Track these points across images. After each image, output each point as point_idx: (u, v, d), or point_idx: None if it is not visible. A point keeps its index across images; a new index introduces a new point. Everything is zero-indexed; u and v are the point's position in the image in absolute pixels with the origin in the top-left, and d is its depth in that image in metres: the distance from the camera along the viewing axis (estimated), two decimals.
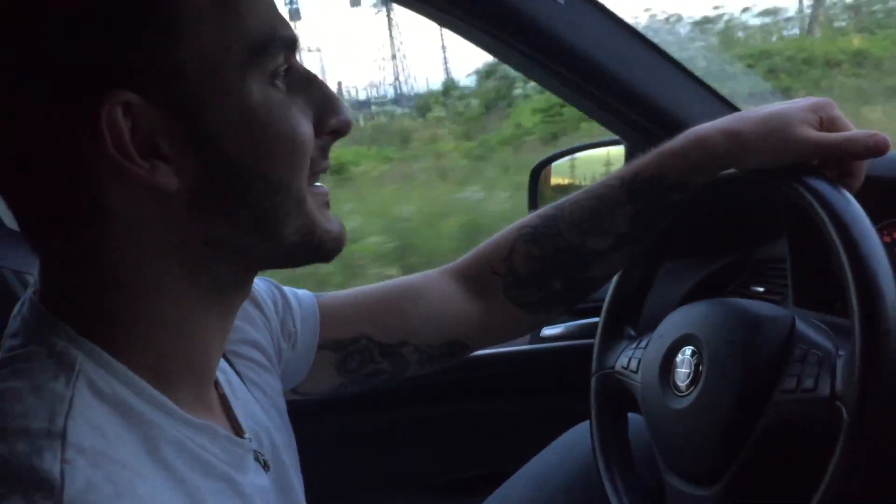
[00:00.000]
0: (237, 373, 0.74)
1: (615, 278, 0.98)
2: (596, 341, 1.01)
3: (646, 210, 0.87)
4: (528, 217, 0.92)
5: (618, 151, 1.31)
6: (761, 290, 1.14)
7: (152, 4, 0.52)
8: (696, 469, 0.84)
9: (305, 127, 0.58)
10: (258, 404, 0.73)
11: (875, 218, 0.75)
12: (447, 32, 1.15)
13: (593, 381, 1.00)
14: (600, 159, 1.43)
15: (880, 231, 0.98)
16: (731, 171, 0.87)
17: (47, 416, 0.49)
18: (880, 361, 0.68)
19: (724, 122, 0.84)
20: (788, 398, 0.75)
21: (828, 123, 0.80)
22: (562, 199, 0.91)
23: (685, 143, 0.85)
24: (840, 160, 0.80)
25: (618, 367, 0.96)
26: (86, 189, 0.53)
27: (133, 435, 0.52)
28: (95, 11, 0.51)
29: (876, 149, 0.78)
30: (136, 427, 0.53)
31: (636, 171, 0.87)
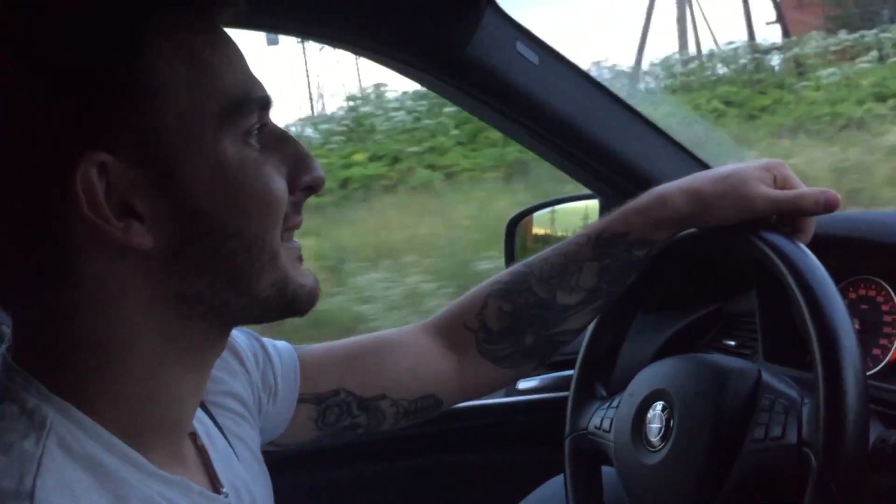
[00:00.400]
0: (217, 425, 0.74)
1: (586, 339, 1.00)
2: (569, 403, 1.02)
3: (612, 265, 0.90)
4: (499, 274, 0.95)
5: (594, 205, 1.34)
6: (733, 343, 1.16)
7: (128, 68, 0.53)
8: None
9: (279, 183, 0.59)
10: (238, 457, 0.73)
11: (837, 276, 0.77)
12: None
13: (567, 442, 1.01)
14: (577, 212, 1.45)
15: (845, 288, 1.00)
16: (692, 229, 0.90)
17: (17, 475, 0.49)
18: (844, 406, 0.69)
19: (685, 181, 0.89)
20: (758, 447, 0.76)
21: (781, 181, 0.85)
22: (531, 258, 0.94)
23: (648, 202, 0.89)
24: (793, 216, 0.84)
25: (591, 427, 0.97)
26: (59, 249, 0.53)
27: (104, 494, 0.52)
28: (70, 75, 0.52)
29: (827, 205, 0.83)
30: (106, 485, 0.53)
31: (602, 227, 0.91)
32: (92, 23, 0.53)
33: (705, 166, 1.19)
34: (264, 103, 0.59)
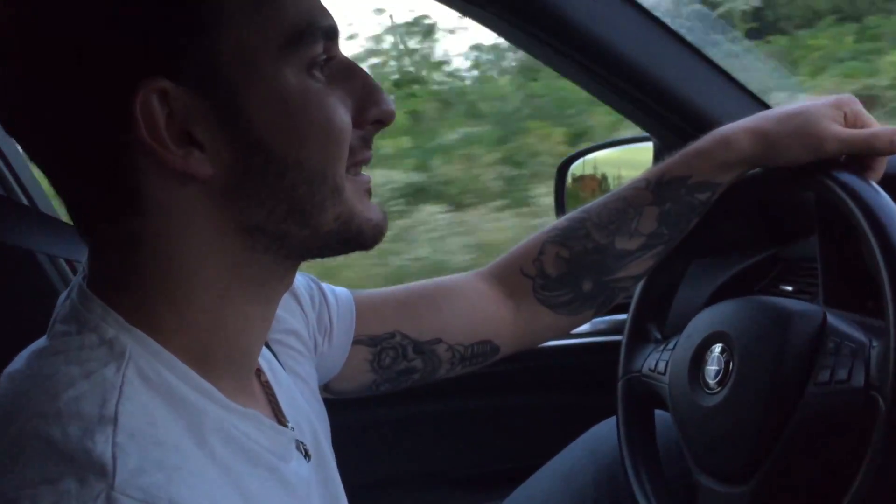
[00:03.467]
0: (280, 362, 0.74)
1: (641, 281, 0.98)
2: (623, 346, 1.01)
3: (673, 210, 0.88)
4: (557, 220, 0.94)
5: (648, 147, 1.31)
6: (790, 289, 1.14)
7: None
8: (728, 467, 0.84)
9: (342, 116, 0.57)
10: (300, 393, 0.74)
11: None
12: None
13: (620, 385, 1.00)
14: (628, 157, 1.43)
15: None
16: (758, 170, 0.87)
17: (99, 401, 0.50)
18: None
19: (749, 121, 0.86)
20: (822, 390, 0.75)
21: (852, 118, 0.82)
22: (589, 203, 0.92)
23: (711, 144, 0.87)
24: (864, 156, 0.81)
25: (645, 370, 0.96)
26: (124, 177, 0.53)
27: (180, 422, 0.53)
28: (131, 2, 0.51)
29: None
30: (183, 414, 0.54)
31: (662, 171, 0.89)
32: None
33: (766, 106, 1.15)
34: (330, 33, 0.57)
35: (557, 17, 1.03)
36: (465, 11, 1.06)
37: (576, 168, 1.45)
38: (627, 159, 1.43)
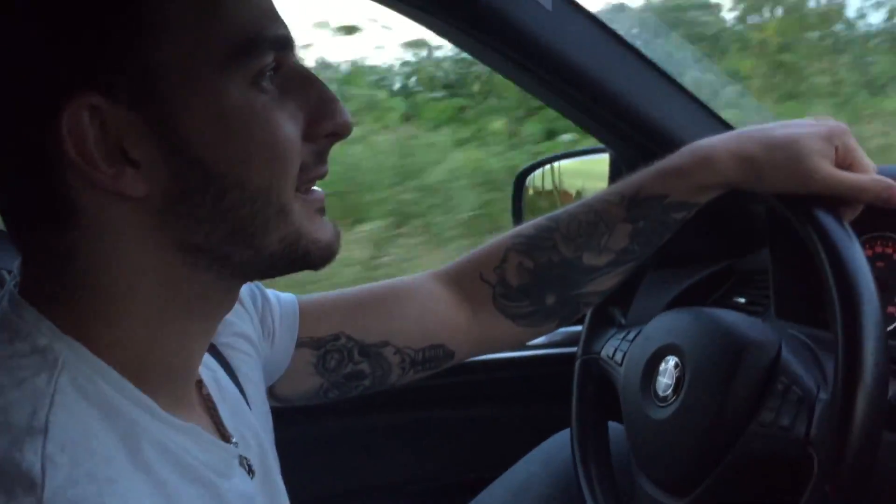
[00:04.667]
0: (231, 369, 0.73)
1: None
2: (585, 325, 1.00)
3: (646, 227, 0.85)
4: (523, 226, 0.90)
5: (604, 158, 1.31)
6: (743, 300, 1.15)
7: (120, 3, 0.49)
8: (669, 478, 0.85)
9: (289, 132, 0.55)
10: (249, 401, 0.72)
11: (857, 230, 0.75)
12: None
13: (578, 364, 1.00)
14: (584, 168, 1.44)
15: (863, 244, 0.99)
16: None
17: (29, 410, 0.48)
18: (855, 417, 0.67)
19: (732, 142, 0.82)
20: (764, 431, 0.75)
21: (842, 154, 0.78)
22: (557, 211, 0.89)
23: (690, 163, 0.83)
24: (849, 201, 0.78)
25: (603, 354, 0.97)
26: (55, 190, 0.51)
27: (114, 433, 0.51)
28: (57, 10, 0.49)
29: (888, 202, 0.77)
30: (117, 425, 0.52)
31: (637, 187, 0.85)
32: None
33: (726, 125, 1.16)
34: (282, 42, 0.55)
35: (514, 28, 1.02)
36: (415, 18, 1.05)
37: (535, 178, 1.45)
38: (584, 170, 1.44)
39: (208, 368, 0.69)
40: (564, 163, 1.44)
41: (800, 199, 0.77)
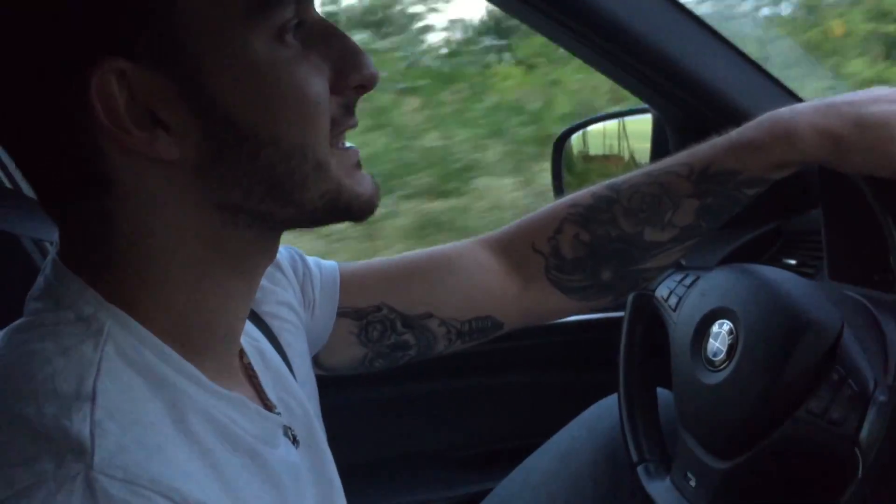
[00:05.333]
0: (274, 337, 0.72)
1: None
2: None
3: (715, 204, 0.80)
4: (580, 194, 0.85)
5: (647, 119, 1.28)
6: (793, 262, 1.12)
7: None
8: (713, 440, 0.84)
9: (318, 86, 0.54)
10: (294, 370, 0.72)
11: None
12: None
13: (631, 298, 0.98)
14: (628, 127, 1.40)
15: None
16: None
17: (76, 378, 0.48)
18: None
19: (819, 117, 0.75)
20: (813, 420, 0.73)
21: None
22: (618, 179, 0.84)
23: (769, 138, 0.76)
24: None
25: (658, 294, 0.94)
26: (89, 159, 0.51)
27: (160, 402, 0.51)
28: None
29: None
30: (163, 394, 0.52)
31: (708, 161, 0.79)
32: None
33: (789, 91, 1.11)
34: None
35: None
36: None
37: (575, 141, 1.43)
38: (628, 131, 1.40)
39: (251, 338, 0.68)
40: (606, 124, 1.40)
41: (889, 184, 0.73)
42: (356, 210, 0.58)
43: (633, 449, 0.96)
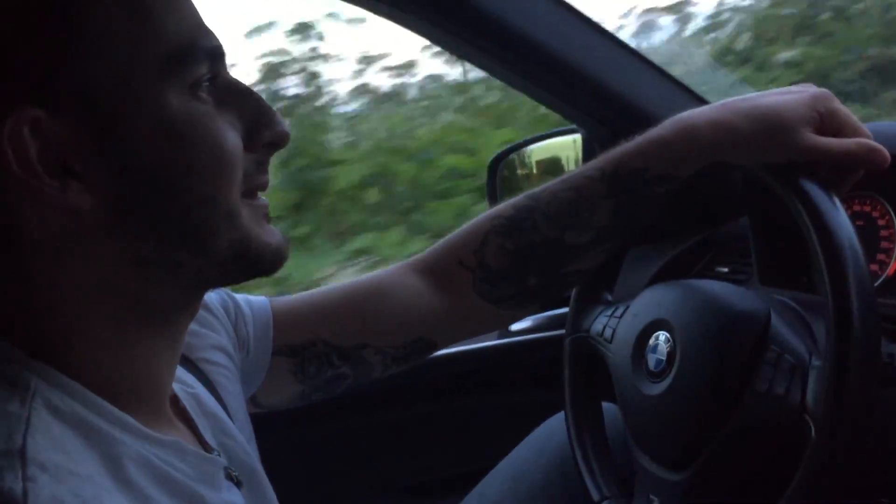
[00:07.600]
0: (210, 382, 0.71)
1: None
2: (572, 302, 0.99)
3: (628, 203, 0.83)
4: (501, 207, 0.88)
5: (577, 139, 1.31)
6: (726, 270, 1.14)
7: (61, 17, 0.49)
8: (667, 453, 0.84)
9: (231, 139, 0.55)
10: (232, 414, 0.71)
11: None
12: None
13: (567, 342, 0.99)
14: (557, 148, 1.42)
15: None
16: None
17: (5, 435, 0.47)
18: (849, 379, 0.66)
19: (714, 112, 0.80)
20: (760, 401, 0.75)
21: (828, 119, 0.76)
22: (537, 189, 0.87)
23: (671, 134, 0.80)
24: (835, 169, 0.76)
25: (592, 332, 0.95)
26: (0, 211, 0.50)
27: (94, 452, 0.50)
28: None
29: (874, 164, 0.74)
30: (97, 444, 0.51)
31: (617, 162, 0.83)
32: None
33: (700, 98, 1.15)
34: (214, 53, 0.55)
35: (474, 10, 1.01)
36: (365, 6, 1.03)
37: (508, 164, 1.44)
38: (557, 151, 1.42)
39: (185, 384, 0.67)
40: (537, 146, 1.43)
41: (783, 168, 0.76)
42: (267, 260, 0.58)
43: (592, 489, 0.96)
